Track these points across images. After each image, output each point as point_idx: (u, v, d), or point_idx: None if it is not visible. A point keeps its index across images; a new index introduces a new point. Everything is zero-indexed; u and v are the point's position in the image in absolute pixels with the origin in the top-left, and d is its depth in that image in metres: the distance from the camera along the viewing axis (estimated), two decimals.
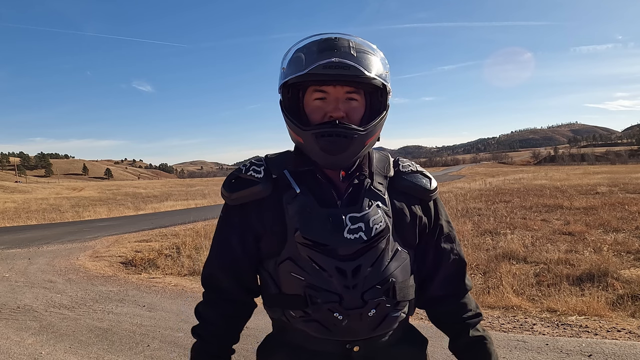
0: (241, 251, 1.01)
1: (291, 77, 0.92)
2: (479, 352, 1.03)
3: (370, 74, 0.90)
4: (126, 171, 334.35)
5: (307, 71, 0.89)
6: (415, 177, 1.03)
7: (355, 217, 0.90)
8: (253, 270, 1.03)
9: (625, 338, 3.30)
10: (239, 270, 1.02)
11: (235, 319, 1.04)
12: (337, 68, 0.88)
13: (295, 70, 0.92)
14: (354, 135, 0.90)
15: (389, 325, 0.95)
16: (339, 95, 0.93)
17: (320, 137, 0.90)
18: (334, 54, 0.89)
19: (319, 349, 0.95)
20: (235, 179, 1.00)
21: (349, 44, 0.92)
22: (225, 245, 1.03)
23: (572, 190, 15.40)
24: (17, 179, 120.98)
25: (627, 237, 6.92)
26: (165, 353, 3.42)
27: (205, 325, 1.02)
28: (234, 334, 1.05)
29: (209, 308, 1.03)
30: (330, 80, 0.91)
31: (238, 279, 1.02)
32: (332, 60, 0.88)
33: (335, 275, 0.89)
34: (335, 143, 0.90)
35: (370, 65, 0.91)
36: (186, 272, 6.45)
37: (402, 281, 0.95)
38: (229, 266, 1.02)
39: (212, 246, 1.06)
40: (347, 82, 0.91)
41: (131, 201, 27.35)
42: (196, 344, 1.03)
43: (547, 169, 68.48)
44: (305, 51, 0.93)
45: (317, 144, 0.91)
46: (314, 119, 0.94)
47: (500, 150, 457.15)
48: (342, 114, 0.92)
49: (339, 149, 0.90)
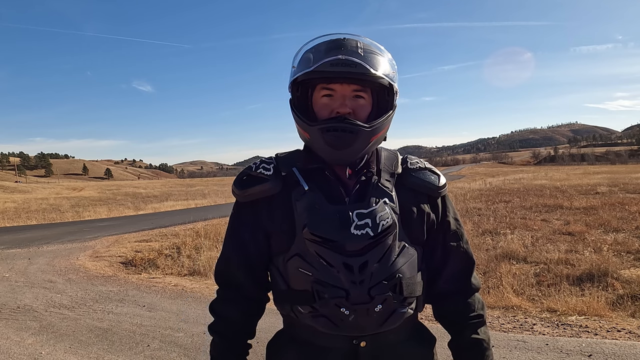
0: (254, 247, 1.03)
1: (299, 74, 0.95)
2: (475, 354, 1.03)
3: (377, 72, 0.92)
4: (126, 171, 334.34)
5: (313, 68, 0.92)
6: (424, 174, 1.04)
7: (362, 214, 0.92)
8: (265, 266, 1.05)
9: (625, 338, 3.30)
10: (253, 266, 1.04)
11: (251, 314, 1.06)
12: (344, 65, 0.90)
13: (304, 68, 0.94)
14: (359, 131, 0.92)
15: (396, 320, 0.95)
16: (346, 93, 0.94)
17: (326, 131, 0.92)
18: (341, 52, 0.91)
19: (327, 345, 0.96)
20: (246, 177, 1.02)
21: (357, 44, 0.94)
22: (239, 242, 1.04)
23: (572, 190, 15.41)
24: (17, 179, 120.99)
25: (627, 237, 6.93)
26: (165, 353, 3.42)
27: (224, 322, 1.04)
28: (251, 330, 1.07)
29: (227, 305, 1.05)
30: (337, 78, 0.93)
31: (252, 276, 1.04)
32: (339, 57, 0.90)
33: (342, 270, 0.91)
34: (341, 138, 0.91)
35: (377, 65, 0.93)
36: (186, 272, 6.45)
37: (409, 277, 0.95)
38: (243, 263, 1.04)
39: (225, 243, 1.08)
40: (354, 79, 0.93)
41: (131, 201, 27.35)
42: (215, 342, 1.04)
43: (547, 169, 68.50)
44: (314, 50, 0.95)
45: (322, 138, 0.93)
46: (322, 116, 0.96)
47: (500, 150, 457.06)
48: (349, 110, 0.93)
49: (344, 144, 0.92)
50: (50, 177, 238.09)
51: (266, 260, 1.04)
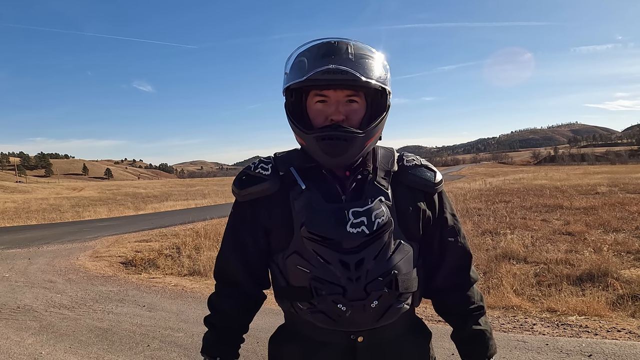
0: (252, 245, 1.06)
1: (292, 83, 0.97)
2: (478, 345, 1.06)
3: (366, 78, 0.93)
4: (126, 171, 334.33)
5: (305, 78, 0.93)
6: (420, 171, 1.06)
7: (357, 212, 0.94)
8: (264, 264, 1.08)
9: (625, 338, 3.30)
10: (251, 264, 1.07)
11: (247, 310, 1.10)
12: (335, 74, 0.91)
13: (296, 75, 0.96)
14: (354, 138, 0.94)
15: (392, 316, 0.98)
16: (340, 99, 0.96)
17: (321, 140, 0.94)
18: (331, 60, 0.92)
19: (325, 340, 0.99)
20: (245, 176, 1.05)
21: (348, 49, 0.95)
22: (237, 240, 1.08)
23: (572, 190, 15.40)
24: (17, 179, 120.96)
25: (627, 237, 6.92)
26: (165, 353, 3.42)
27: (220, 316, 1.08)
28: (245, 325, 1.11)
29: (223, 300, 1.08)
30: (329, 85, 0.94)
31: (250, 273, 1.07)
32: (329, 67, 0.92)
33: (339, 267, 0.93)
34: (336, 146, 0.94)
35: (367, 70, 0.94)
36: (186, 272, 6.45)
37: (405, 273, 0.97)
38: (240, 260, 1.07)
39: (224, 241, 1.11)
40: (345, 86, 0.94)
41: (131, 201, 27.36)
42: (209, 334, 1.08)
43: (547, 169, 68.50)
44: (306, 56, 0.96)
45: (318, 146, 0.95)
46: (317, 122, 0.98)
47: (500, 150, 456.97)
48: (342, 117, 0.95)
49: (340, 152, 0.94)
50: (50, 177, 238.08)
51: (264, 258, 1.07)
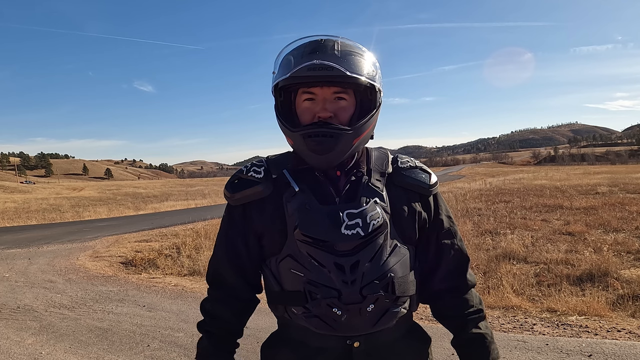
0: (244, 249, 1.04)
1: (279, 80, 0.95)
2: (478, 349, 1.03)
3: (353, 73, 0.91)
4: (126, 171, 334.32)
5: (290, 74, 0.92)
6: (414, 173, 1.04)
7: (352, 214, 0.92)
8: (256, 268, 1.06)
9: (625, 338, 3.30)
10: (244, 268, 1.05)
11: (241, 314, 1.08)
12: (320, 69, 0.90)
13: (282, 73, 0.94)
14: (341, 134, 0.92)
15: (389, 320, 0.95)
16: (327, 96, 0.94)
17: (307, 137, 0.92)
18: (316, 56, 0.91)
19: (320, 345, 0.96)
20: (238, 180, 1.04)
21: (334, 45, 0.94)
22: (229, 244, 1.05)
23: (572, 190, 15.39)
24: (23, 179, 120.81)
25: (627, 237, 6.92)
26: (165, 353, 3.42)
27: (213, 321, 1.05)
28: (240, 329, 1.09)
29: (216, 305, 1.06)
30: (315, 82, 0.93)
31: (243, 277, 1.06)
32: (314, 62, 0.90)
33: (333, 270, 0.91)
34: (322, 143, 0.92)
35: (354, 66, 0.92)
36: (186, 272, 6.45)
37: (401, 276, 0.95)
38: (233, 264, 1.05)
39: (217, 245, 1.09)
40: (331, 82, 0.93)
41: (131, 201, 27.36)
42: (203, 339, 1.06)
43: (547, 169, 68.47)
44: (293, 54, 0.95)
45: (305, 144, 0.93)
46: (304, 120, 0.96)
47: (500, 150, 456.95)
48: (329, 114, 0.94)
49: (326, 149, 0.92)
50: (50, 177, 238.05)
51: (257, 262, 1.05)
